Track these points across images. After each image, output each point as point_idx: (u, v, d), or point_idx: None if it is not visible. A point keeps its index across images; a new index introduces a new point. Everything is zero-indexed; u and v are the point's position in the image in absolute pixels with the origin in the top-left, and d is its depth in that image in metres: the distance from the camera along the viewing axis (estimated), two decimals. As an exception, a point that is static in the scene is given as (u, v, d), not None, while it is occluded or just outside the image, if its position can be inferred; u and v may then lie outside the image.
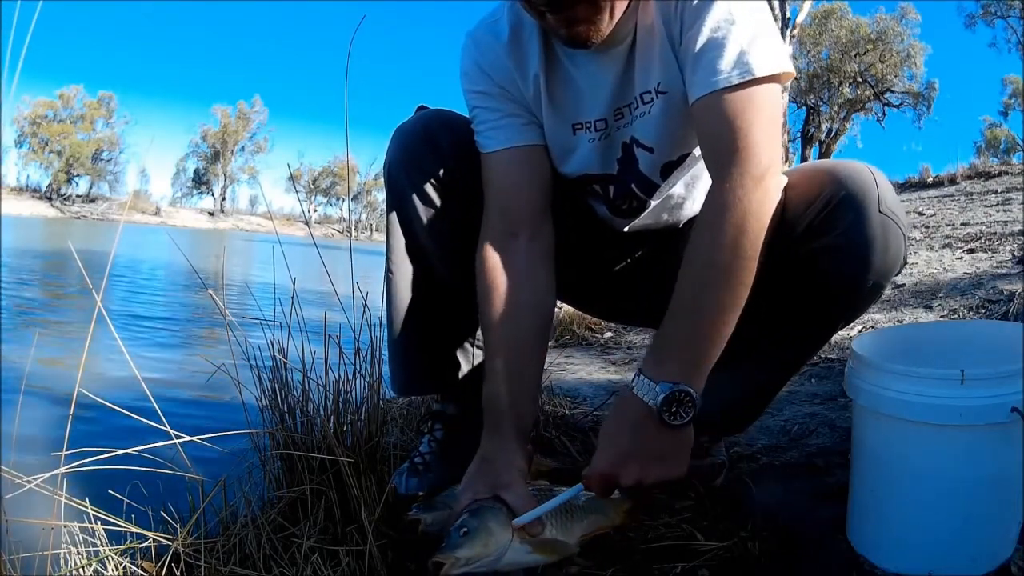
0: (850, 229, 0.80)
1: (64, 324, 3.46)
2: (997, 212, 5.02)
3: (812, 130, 27.05)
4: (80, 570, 0.82)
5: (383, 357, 1.11)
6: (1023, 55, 24.07)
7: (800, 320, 0.90)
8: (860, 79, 25.84)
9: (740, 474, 1.12)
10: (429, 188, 0.98)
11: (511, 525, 0.77)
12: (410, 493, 1.02)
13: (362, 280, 1.08)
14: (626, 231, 1.06)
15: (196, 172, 59.25)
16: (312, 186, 61.92)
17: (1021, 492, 0.77)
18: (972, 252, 3.57)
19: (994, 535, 0.78)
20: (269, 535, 0.89)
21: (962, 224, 4.66)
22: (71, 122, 51.77)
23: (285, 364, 1.06)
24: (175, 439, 0.89)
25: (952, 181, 7.63)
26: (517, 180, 0.94)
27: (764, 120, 0.76)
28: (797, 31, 14.32)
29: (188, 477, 0.91)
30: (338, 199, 62.75)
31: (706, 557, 0.86)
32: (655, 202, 1.00)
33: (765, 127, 0.76)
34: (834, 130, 27.21)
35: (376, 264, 1.14)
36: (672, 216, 1.04)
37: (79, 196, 52.13)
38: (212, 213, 57.92)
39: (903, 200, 6.24)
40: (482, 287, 0.93)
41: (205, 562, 0.83)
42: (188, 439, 0.90)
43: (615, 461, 0.77)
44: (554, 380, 1.95)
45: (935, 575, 0.77)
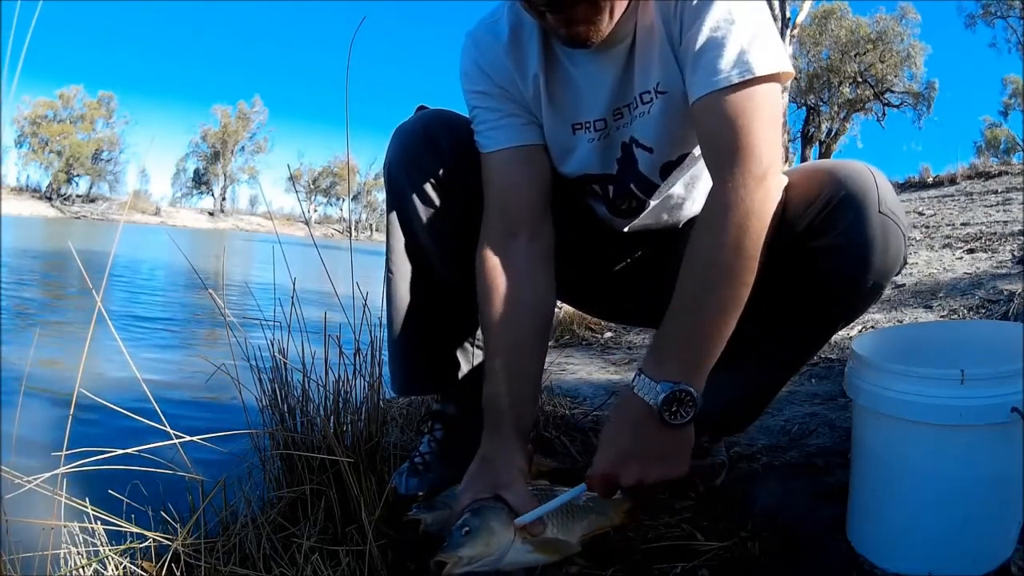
0: (850, 229, 0.80)
1: (64, 324, 3.46)
2: (997, 212, 5.02)
3: (812, 130, 27.05)
4: (80, 570, 0.82)
5: (383, 357, 1.11)
6: (1023, 55, 24.08)
7: (800, 320, 0.90)
8: (860, 79, 25.84)
9: (740, 474, 1.12)
10: (429, 188, 0.99)
11: (513, 525, 0.77)
12: (410, 493, 1.02)
13: (362, 280, 1.08)
14: (626, 231, 1.06)
15: (196, 172, 59.30)
16: (312, 186, 61.92)
17: (1021, 492, 0.77)
18: (972, 252, 3.57)
19: (994, 535, 0.78)
20: (269, 535, 0.89)
21: (962, 224, 4.66)
22: (71, 122, 51.76)
23: (285, 364, 1.06)
24: (175, 439, 0.89)
25: (952, 181, 7.64)
26: (517, 180, 0.94)
27: (765, 119, 0.76)
28: (797, 31, 14.31)
29: (188, 477, 0.91)
30: (338, 199, 62.80)
31: (706, 557, 0.86)
32: (654, 202, 1.00)
33: (766, 126, 0.76)
34: (834, 130, 27.21)
35: (376, 264, 1.14)
36: (672, 216, 1.04)
37: (79, 196, 52.14)
38: (212, 213, 57.93)
39: (903, 200, 6.25)
40: (482, 287, 0.93)
41: (205, 562, 0.83)
42: (188, 439, 0.90)
43: (616, 461, 0.77)
44: (554, 380, 1.95)
45: (935, 575, 0.77)
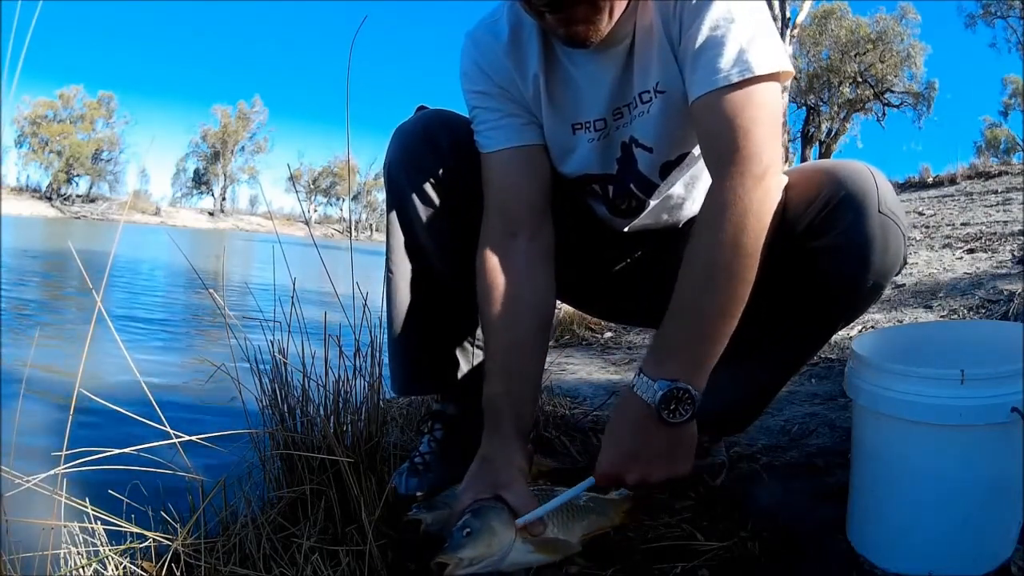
0: (850, 229, 0.80)
1: (64, 325, 3.46)
2: (997, 212, 5.02)
3: (812, 130, 27.05)
4: (80, 570, 0.82)
5: (383, 357, 1.11)
6: (1023, 55, 24.08)
7: (800, 320, 0.90)
8: (860, 79, 25.83)
9: (740, 474, 1.12)
10: (429, 188, 0.98)
11: (513, 525, 0.77)
12: (410, 493, 1.02)
13: (362, 280, 1.08)
14: (626, 231, 1.06)
15: (196, 172, 59.28)
16: (312, 186, 61.91)
17: (1021, 492, 0.77)
18: (972, 252, 3.57)
19: (994, 535, 0.78)
20: (269, 535, 0.89)
21: (962, 224, 4.66)
22: (71, 122, 51.75)
23: (285, 364, 1.06)
24: (175, 439, 0.89)
25: (952, 181, 7.64)
26: (517, 180, 0.94)
27: (764, 118, 0.76)
28: (797, 31, 14.30)
29: (188, 477, 0.91)
30: (338, 199, 62.79)
31: (706, 557, 0.86)
32: (654, 202, 1.00)
33: (766, 125, 0.76)
34: (834, 130, 27.21)
35: (376, 264, 1.14)
36: (672, 216, 1.04)
37: (79, 196, 52.13)
38: (212, 213, 57.91)
39: (903, 200, 6.25)
40: (482, 287, 0.93)
41: (205, 562, 0.83)
42: (188, 439, 0.90)
43: (619, 461, 0.77)
44: (554, 380, 1.94)
45: (935, 575, 0.77)
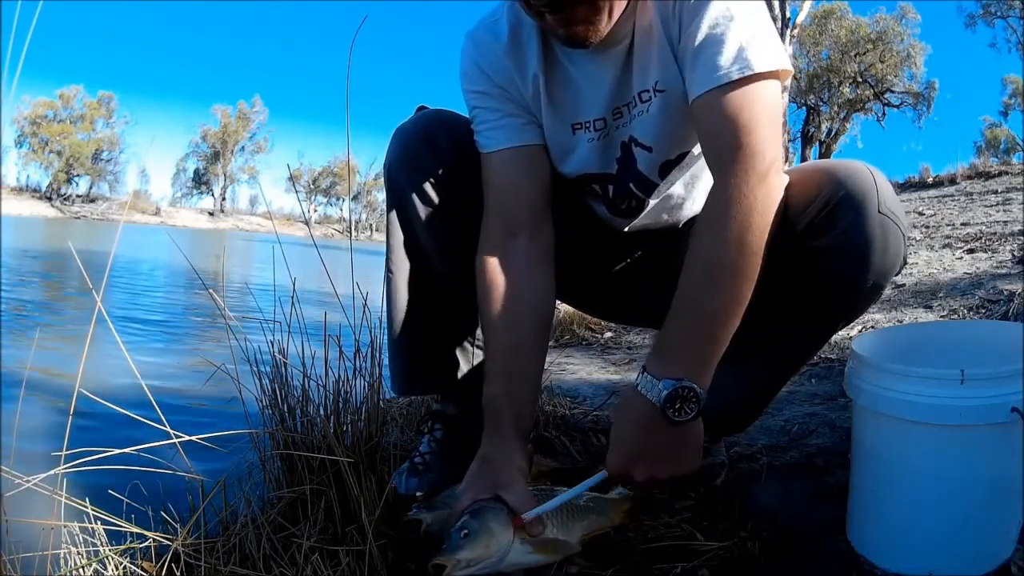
0: (850, 229, 0.80)
1: (64, 325, 3.46)
2: (997, 212, 5.02)
3: (812, 130, 27.05)
4: (80, 570, 0.82)
5: (383, 357, 1.11)
6: (1023, 55, 24.08)
7: (800, 319, 0.90)
8: (860, 79, 25.83)
9: (740, 474, 1.12)
10: (429, 188, 0.98)
11: (512, 526, 0.77)
12: (410, 493, 1.02)
13: (362, 280, 1.08)
14: (626, 231, 1.06)
15: (196, 172, 59.29)
16: (312, 186, 61.91)
17: (1021, 492, 0.77)
18: (972, 252, 3.57)
19: (994, 535, 0.78)
20: (269, 535, 0.89)
21: (962, 224, 4.66)
22: (71, 122, 51.77)
23: (285, 364, 1.06)
24: (175, 439, 0.89)
25: (952, 181, 7.64)
26: (517, 180, 0.94)
27: (765, 116, 0.76)
28: (797, 31, 14.29)
29: (188, 477, 0.91)
30: (338, 199, 62.79)
31: (706, 557, 0.86)
32: (654, 201, 1.00)
33: (767, 123, 0.76)
34: (834, 130, 27.21)
35: (376, 264, 1.14)
36: (672, 216, 1.04)
37: (79, 196, 52.14)
38: (212, 213, 57.92)
39: (903, 200, 6.25)
40: (482, 287, 0.93)
41: (205, 562, 0.83)
42: (188, 439, 0.90)
43: (626, 460, 0.78)
44: (554, 380, 1.94)
45: (935, 575, 0.77)
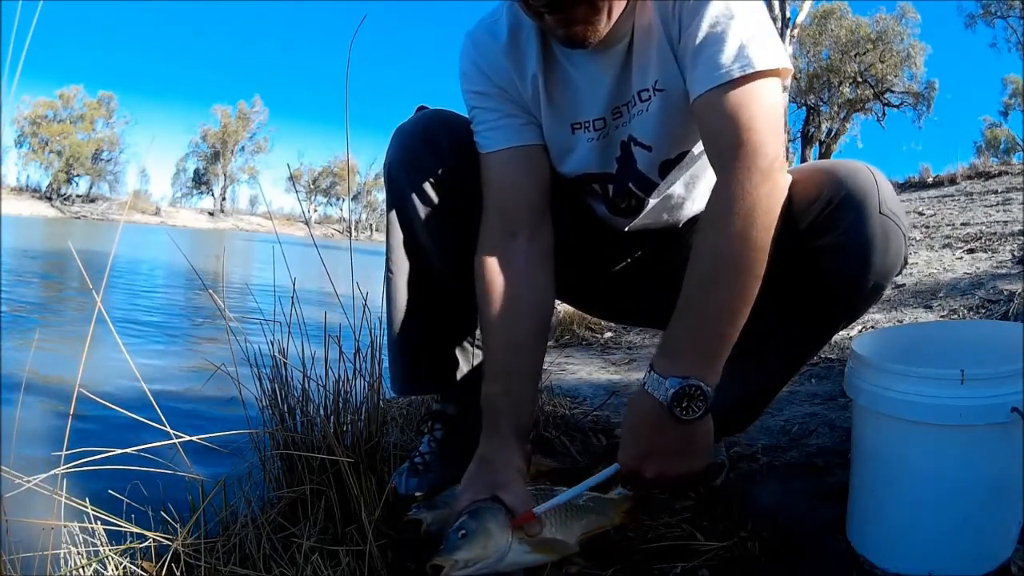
0: (851, 229, 0.80)
1: (64, 326, 3.46)
2: (997, 212, 5.02)
3: (812, 130, 27.04)
4: (80, 570, 0.82)
5: (383, 357, 1.11)
6: (1023, 55, 24.07)
7: (801, 319, 0.90)
8: (860, 79, 25.82)
9: (740, 474, 1.12)
10: (429, 188, 0.98)
11: (510, 526, 0.77)
12: (410, 493, 1.02)
13: (362, 280, 1.08)
14: (626, 231, 1.06)
15: (196, 172, 59.26)
16: (312, 186, 61.90)
17: (1021, 492, 0.77)
18: (972, 252, 3.57)
19: (994, 535, 0.78)
20: (269, 535, 0.89)
21: (962, 224, 4.67)
22: (71, 122, 51.74)
23: (285, 364, 1.06)
24: (175, 439, 0.89)
25: (952, 181, 7.64)
26: (516, 180, 0.94)
27: (767, 113, 0.76)
28: (797, 31, 14.31)
29: (188, 477, 0.91)
30: (338, 199, 62.77)
31: (706, 557, 0.86)
32: (654, 201, 1.00)
33: (768, 120, 0.76)
34: (834, 130, 27.20)
35: (376, 264, 1.14)
36: (672, 216, 1.04)
37: (79, 196, 52.10)
38: (212, 213, 57.89)
39: (903, 200, 6.24)
40: (481, 287, 0.93)
41: (205, 562, 0.83)
42: (188, 439, 0.90)
43: (635, 458, 0.79)
44: (554, 380, 1.94)
45: (935, 575, 0.77)
